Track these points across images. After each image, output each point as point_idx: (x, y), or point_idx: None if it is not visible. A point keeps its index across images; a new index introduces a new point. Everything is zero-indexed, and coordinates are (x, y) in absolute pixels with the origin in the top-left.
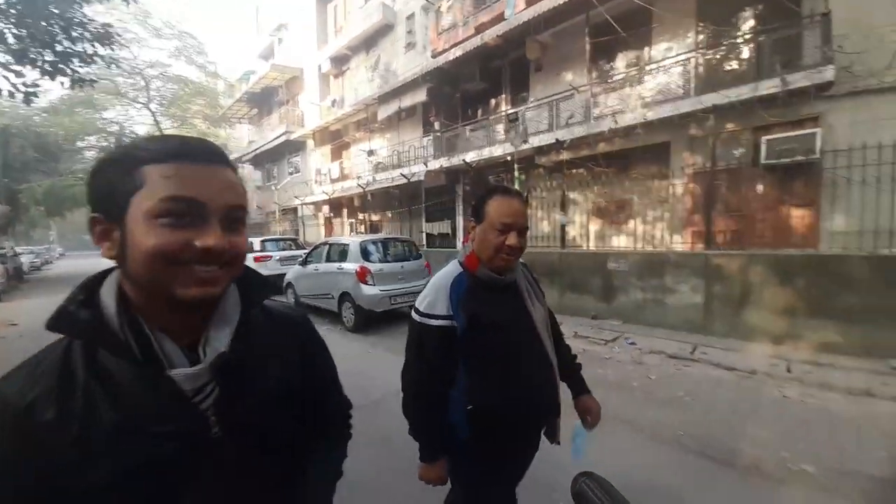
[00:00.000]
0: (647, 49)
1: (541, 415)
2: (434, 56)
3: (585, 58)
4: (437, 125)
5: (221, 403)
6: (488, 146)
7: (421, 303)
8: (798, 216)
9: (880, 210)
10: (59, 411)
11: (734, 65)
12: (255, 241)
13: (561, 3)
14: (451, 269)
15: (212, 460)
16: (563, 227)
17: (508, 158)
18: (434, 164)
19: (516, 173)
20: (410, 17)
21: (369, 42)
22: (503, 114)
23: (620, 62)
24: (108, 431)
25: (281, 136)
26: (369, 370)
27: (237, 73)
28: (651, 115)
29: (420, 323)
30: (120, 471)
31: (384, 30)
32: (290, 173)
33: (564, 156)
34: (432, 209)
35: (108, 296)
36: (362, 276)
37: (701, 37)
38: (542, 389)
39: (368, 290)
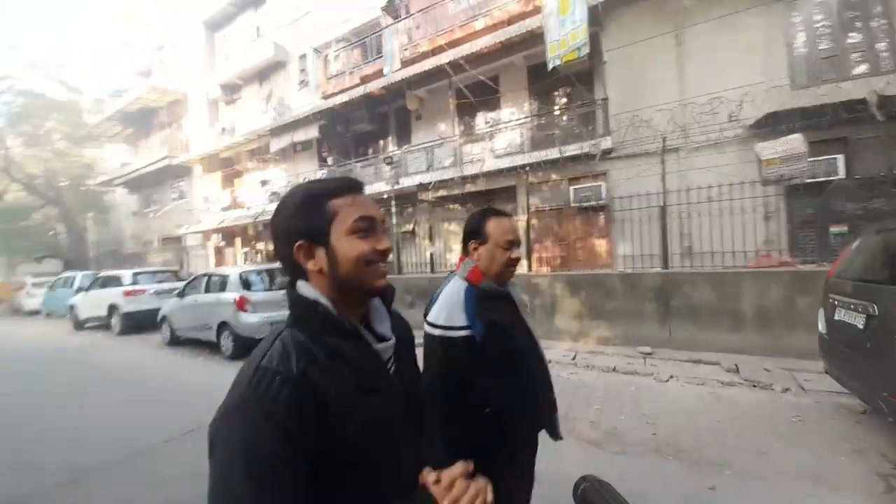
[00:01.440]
0: (497, 112)
1: (545, 411)
2: (325, 97)
3: (452, 113)
4: (329, 160)
5: (399, 370)
6: (376, 182)
7: (437, 318)
8: (601, 244)
9: (645, 239)
10: (322, 376)
11: (554, 130)
12: (126, 274)
13: (425, 70)
14: (457, 284)
15: (404, 411)
16: (430, 255)
17: (385, 196)
18: None
19: (393, 209)
20: (303, 56)
21: (262, 75)
22: (386, 154)
23: (480, 120)
24: (355, 389)
25: (162, 160)
26: None
27: (109, 88)
28: (499, 163)
29: (441, 336)
30: (367, 420)
31: (276, 66)
32: (174, 199)
33: (439, 193)
34: None
35: (321, 300)
36: (241, 305)
37: (533, 107)
38: (545, 387)
39: (248, 317)
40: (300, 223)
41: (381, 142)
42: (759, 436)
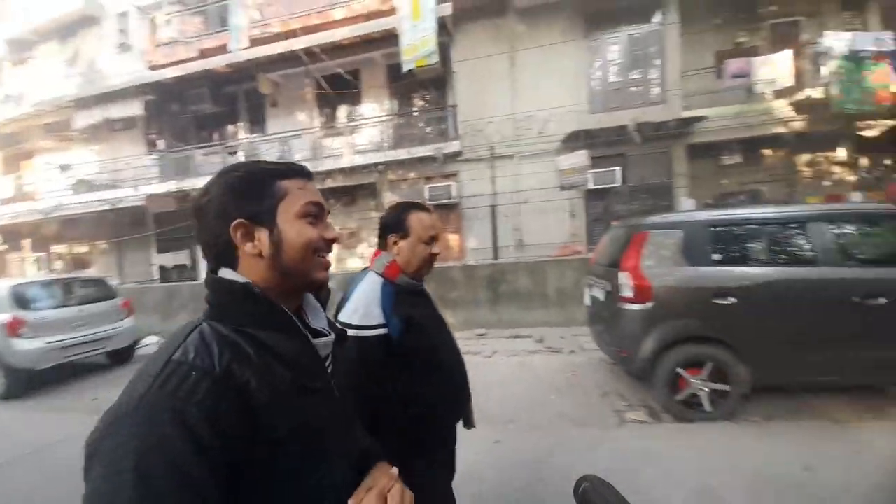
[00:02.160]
0: (359, 107)
1: (463, 403)
2: (152, 68)
3: (311, 104)
4: (161, 144)
5: (335, 371)
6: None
7: (352, 317)
8: (455, 239)
9: (488, 234)
10: (251, 373)
11: (412, 131)
12: None
13: (277, 53)
14: (372, 280)
15: (340, 416)
16: None
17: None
18: (162, 188)
19: None
20: (124, 14)
21: (66, 31)
22: (231, 142)
23: (341, 113)
24: (288, 388)
25: None
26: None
27: None
28: (360, 160)
29: (357, 336)
30: (300, 424)
31: (86, 21)
32: None
33: None
34: (166, 238)
35: (252, 286)
36: (13, 328)
37: (394, 105)
38: (462, 379)
39: (24, 344)
40: (242, 200)
41: (231, 127)
42: (542, 391)
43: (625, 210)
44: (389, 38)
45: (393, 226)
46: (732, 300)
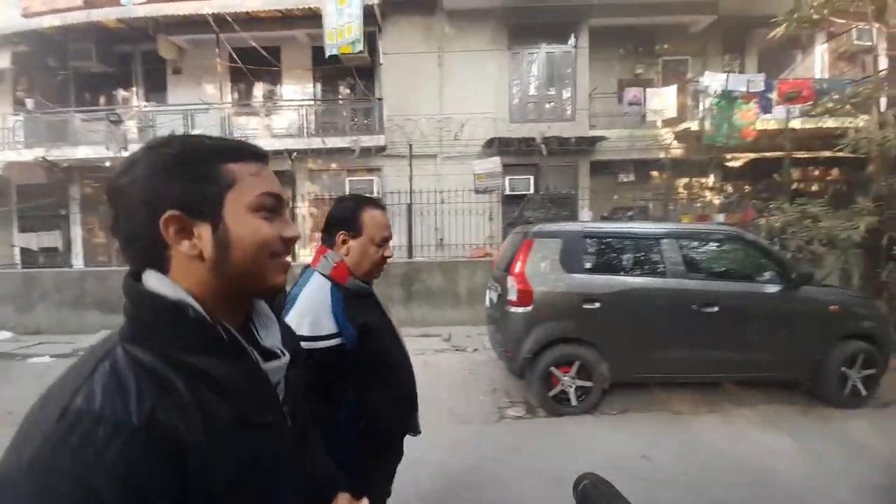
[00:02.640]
0: (279, 87)
1: (412, 413)
2: (27, 16)
3: (221, 76)
4: (30, 103)
5: (287, 397)
6: (105, 143)
7: (300, 326)
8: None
9: (416, 231)
10: (180, 416)
11: (335, 119)
12: None
13: (181, 14)
14: (319, 283)
15: (293, 447)
16: None
17: (108, 164)
18: (29, 154)
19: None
20: None
21: None
22: (121, 109)
23: (258, 91)
24: (228, 427)
25: None
26: None
27: None
28: (276, 144)
29: (309, 349)
30: (245, 464)
31: None
32: None
33: None
34: (31, 215)
35: (188, 300)
36: None
37: (318, 90)
38: (411, 388)
39: None
40: (175, 187)
41: (122, 91)
42: (440, 388)
43: (536, 216)
44: (314, 18)
45: (343, 222)
46: (598, 305)
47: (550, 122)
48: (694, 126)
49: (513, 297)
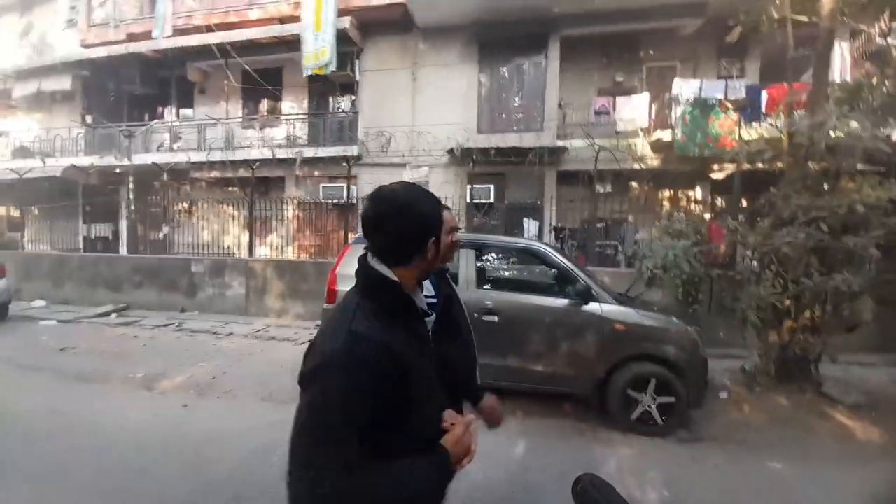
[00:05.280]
0: (280, 102)
1: (473, 371)
2: (85, 46)
3: (227, 95)
4: (89, 118)
5: (434, 339)
6: (143, 153)
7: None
8: (351, 237)
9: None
10: (401, 345)
11: (320, 131)
12: None
13: (192, 45)
14: None
15: (435, 370)
16: (164, 235)
17: (118, 171)
18: (86, 161)
19: (131, 185)
20: None
21: (25, 3)
22: (156, 123)
23: (263, 106)
24: (418, 354)
25: None
26: None
27: None
28: (271, 153)
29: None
30: (425, 377)
31: None
32: None
33: (213, 174)
34: (91, 211)
35: (400, 285)
36: None
37: (312, 104)
38: (471, 349)
39: None
40: (437, 222)
41: (161, 108)
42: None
43: (494, 224)
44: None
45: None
46: None
47: (519, 132)
48: (667, 136)
49: (326, 295)
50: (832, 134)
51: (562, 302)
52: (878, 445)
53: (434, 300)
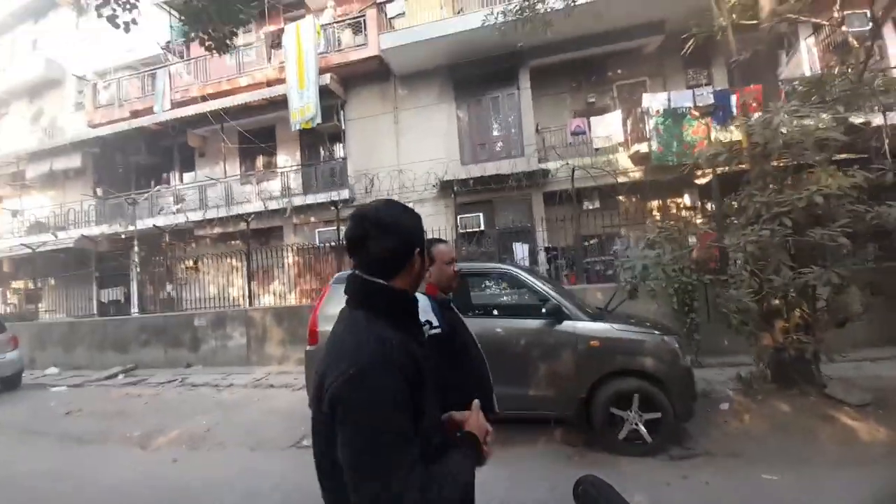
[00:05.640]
0: (275, 157)
1: (489, 392)
2: (92, 126)
3: (235, 154)
4: (99, 191)
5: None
6: (148, 217)
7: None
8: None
9: None
10: (414, 347)
11: (312, 180)
12: None
13: (188, 115)
14: (421, 296)
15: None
16: (168, 293)
17: (123, 236)
18: (97, 230)
19: (135, 248)
20: (82, 78)
21: (32, 92)
22: (159, 189)
23: (259, 162)
24: (420, 354)
25: None
26: None
27: None
28: (269, 205)
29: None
30: (432, 380)
31: (50, 83)
32: None
33: (215, 231)
34: (104, 275)
35: (407, 292)
36: None
37: (305, 156)
38: (484, 369)
39: None
40: (421, 232)
41: (166, 174)
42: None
43: (488, 251)
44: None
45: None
46: None
47: (499, 160)
48: (644, 148)
49: (308, 336)
50: (784, 130)
51: (535, 323)
52: (883, 445)
53: (438, 329)
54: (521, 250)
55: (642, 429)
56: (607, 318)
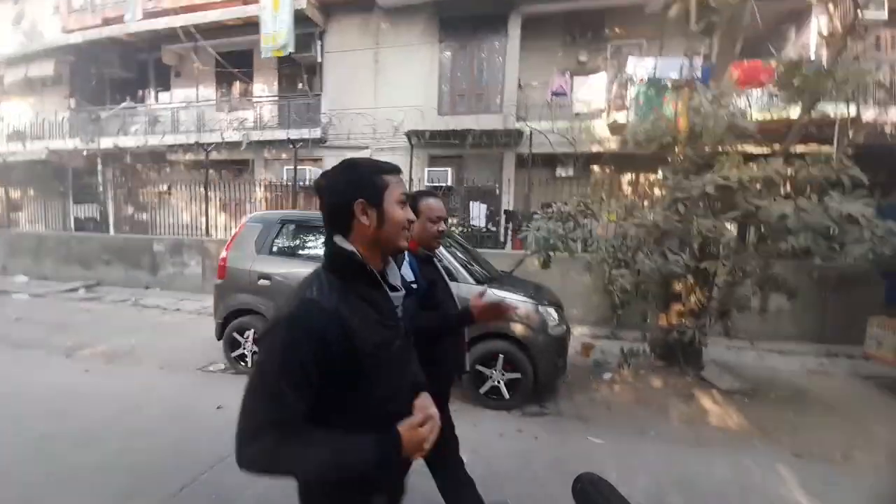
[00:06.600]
0: (251, 85)
1: (459, 347)
2: (65, 32)
3: (204, 78)
4: (72, 103)
5: (403, 315)
6: (119, 136)
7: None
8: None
9: None
10: (351, 312)
11: (286, 114)
12: None
13: (161, 28)
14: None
15: (405, 344)
16: (136, 216)
17: (84, 154)
18: (71, 144)
19: (99, 167)
20: None
21: None
22: (129, 106)
23: (236, 89)
24: (374, 322)
25: None
26: None
27: None
28: (239, 136)
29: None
30: (380, 343)
31: None
32: None
33: (186, 157)
34: (77, 191)
35: (357, 254)
36: None
37: (283, 86)
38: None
39: None
40: (363, 185)
41: (141, 92)
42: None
43: (452, 208)
44: None
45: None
46: (269, 283)
47: (478, 114)
48: (622, 118)
49: (217, 270)
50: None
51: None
52: (726, 431)
53: (415, 285)
54: (477, 210)
55: (502, 386)
56: (496, 283)
